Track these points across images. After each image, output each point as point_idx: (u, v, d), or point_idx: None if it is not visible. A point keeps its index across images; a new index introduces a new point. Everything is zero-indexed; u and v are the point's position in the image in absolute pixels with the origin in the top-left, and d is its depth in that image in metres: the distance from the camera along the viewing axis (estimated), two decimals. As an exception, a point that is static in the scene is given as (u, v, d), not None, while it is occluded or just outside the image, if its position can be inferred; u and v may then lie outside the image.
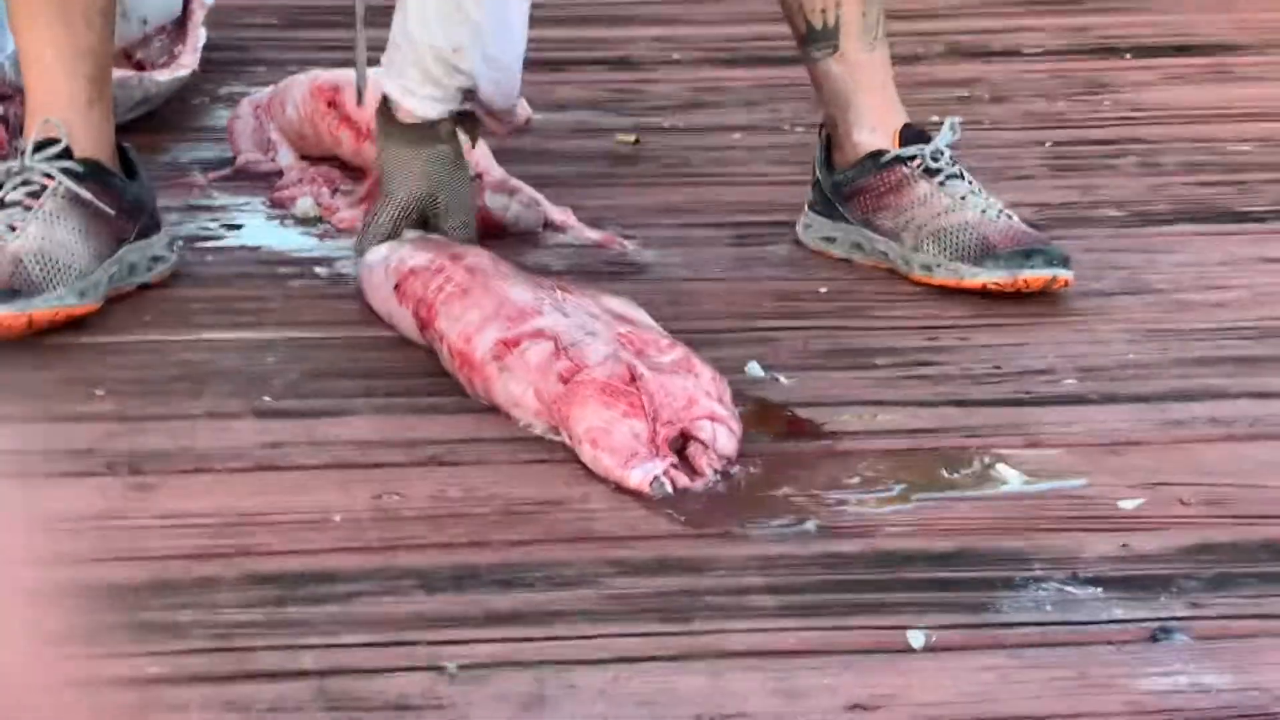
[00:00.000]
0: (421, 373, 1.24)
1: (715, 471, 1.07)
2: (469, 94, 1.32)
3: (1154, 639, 0.92)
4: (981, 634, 0.92)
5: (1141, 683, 0.88)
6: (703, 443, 1.08)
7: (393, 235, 1.33)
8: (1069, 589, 0.97)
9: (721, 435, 1.08)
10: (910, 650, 0.91)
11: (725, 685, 0.87)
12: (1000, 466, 1.11)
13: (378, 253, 1.31)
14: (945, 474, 1.10)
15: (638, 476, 1.05)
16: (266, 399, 1.19)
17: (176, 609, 0.92)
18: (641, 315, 1.21)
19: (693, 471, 1.06)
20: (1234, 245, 1.52)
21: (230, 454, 1.11)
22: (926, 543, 1.01)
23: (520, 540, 1.01)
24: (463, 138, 1.36)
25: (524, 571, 0.97)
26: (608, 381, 1.09)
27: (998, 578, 0.98)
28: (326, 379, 1.22)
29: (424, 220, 1.34)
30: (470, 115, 1.35)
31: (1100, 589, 0.96)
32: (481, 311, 1.18)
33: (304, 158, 1.69)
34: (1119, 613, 0.94)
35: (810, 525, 1.03)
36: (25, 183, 1.31)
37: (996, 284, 1.35)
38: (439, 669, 0.88)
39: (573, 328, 1.15)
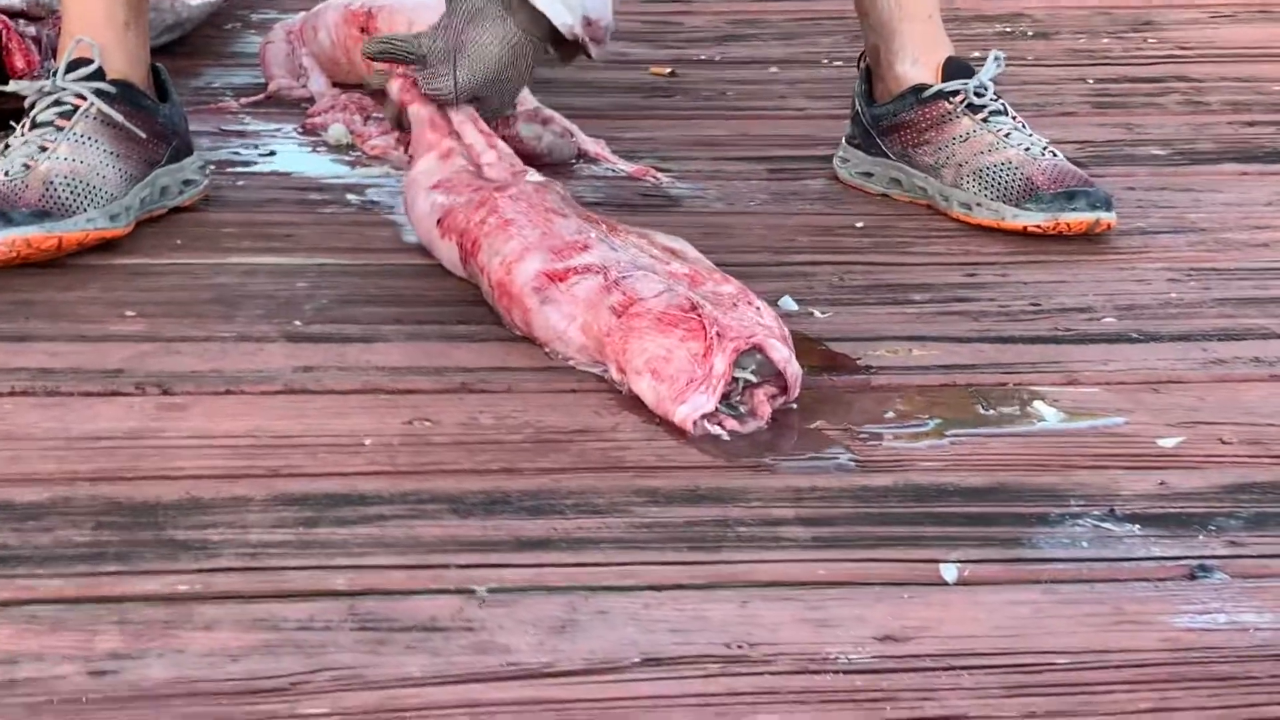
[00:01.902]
0: (452, 300, 1.23)
1: (772, 413, 1.03)
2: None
3: (1192, 577, 0.91)
4: (1016, 569, 0.91)
5: (1178, 620, 0.87)
6: (768, 374, 1.04)
7: (458, 90, 1.31)
8: (1106, 526, 0.96)
9: (793, 362, 1.06)
10: (942, 583, 0.90)
11: (755, 614, 0.87)
12: (1037, 404, 1.10)
13: (421, 183, 1.30)
14: (981, 410, 1.09)
15: (684, 411, 1.03)
16: (297, 323, 1.18)
17: (207, 528, 0.92)
18: (693, 252, 1.20)
19: (740, 416, 1.04)
20: (1279, 185, 1.50)
21: (261, 377, 1.11)
22: (961, 478, 1.00)
23: (551, 468, 1.00)
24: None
25: (554, 499, 0.97)
26: (665, 311, 1.07)
27: (1033, 514, 0.97)
28: (357, 305, 1.22)
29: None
30: (571, 43, 1.33)
31: (1138, 526, 0.96)
32: (524, 241, 1.17)
33: (336, 84, 1.69)
34: (1156, 550, 0.93)
35: (843, 459, 1.02)
36: (57, 103, 1.31)
37: (1038, 226, 1.34)
38: (469, 592, 0.88)
39: (623, 262, 1.13)
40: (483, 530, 0.94)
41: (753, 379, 1.04)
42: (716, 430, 1.03)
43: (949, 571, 0.91)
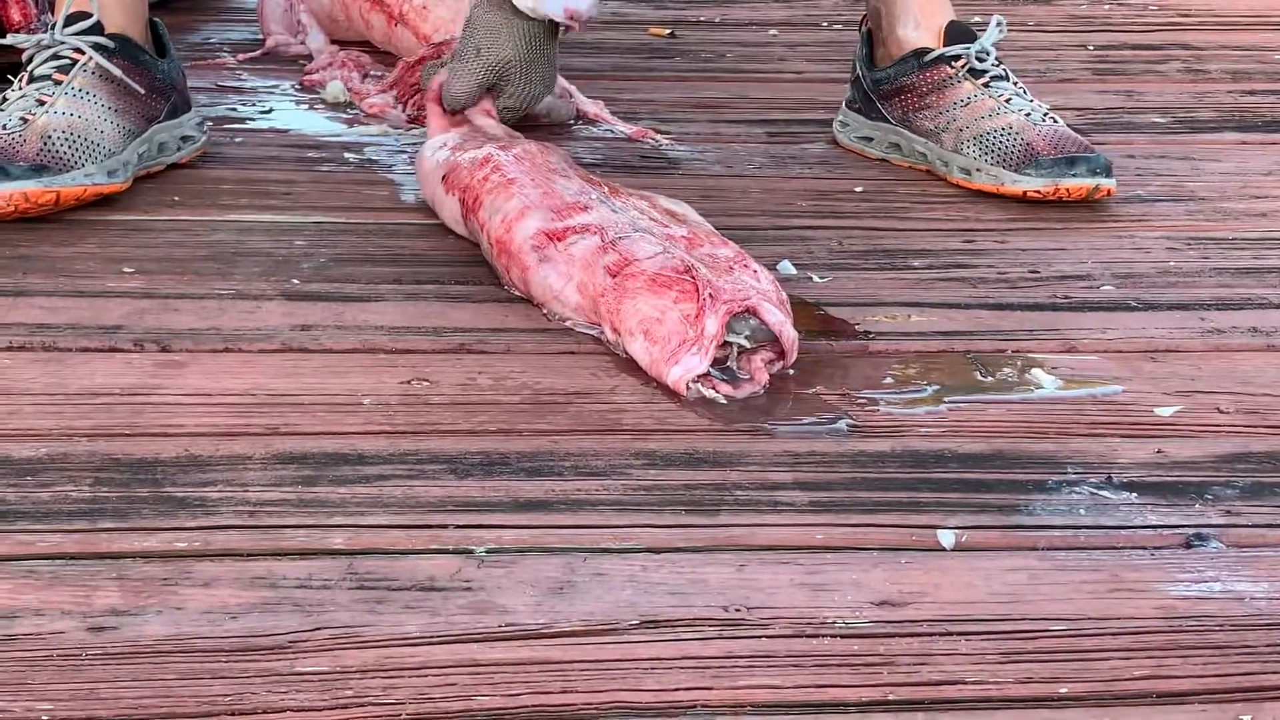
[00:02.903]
0: (450, 261, 1.23)
1: (770, 378, 1.03)
2: None
3: (1188, 545, 0.91)
4: (1012, 535, 0.92)
5: (1174, 589, 0.87)
6: (764, 338, 1.03)
7: (477, 93, 1.33)
8: (1103, 493, 0.96)
9: (788, 327, 1.06)
10: (940, 549, 0.90)
11: (752, 578, 0.87)
12: (1035, 371, 1.09)
13: (431, 144, 1.29)
14: (979, 377, 1.09)
15: (676, 373, 1.03)
16: (295, 282, 1.18)
17: (205, 485, 0.92)
18: (694, 215, 1.19)
19: (736, 380, 1.04)
20: (1278, 154, 1.50)
21: (259, 335, 1.10)
22: (958, 444, 1.00)
23: (549, 429, 1.00)
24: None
25: (552, 460, 0.97)
26: (659, 272, 1.07)
27: (1030, 480, 0.97)
28: (354, 264, 1.21)
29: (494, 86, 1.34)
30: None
31: (1134, 494, 0.96)
32: (524, 200, 1.16)
33: (334, 41, 1.68)
34: (1153, 519, 0.93)
35: (841, 424, 1.02)
36: (55, 57, 1.29)
37: (1037, 192, 1.33)
38: (467, 552, 0.87)
39: (621, 223, 1.13)
40: (481, 491, 0.93)
41: (746, 344, 1.04)
42: (710, 394, 1.03)
43: (946, 537, 0.91)
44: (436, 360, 1.08)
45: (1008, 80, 1.39)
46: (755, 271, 1.09)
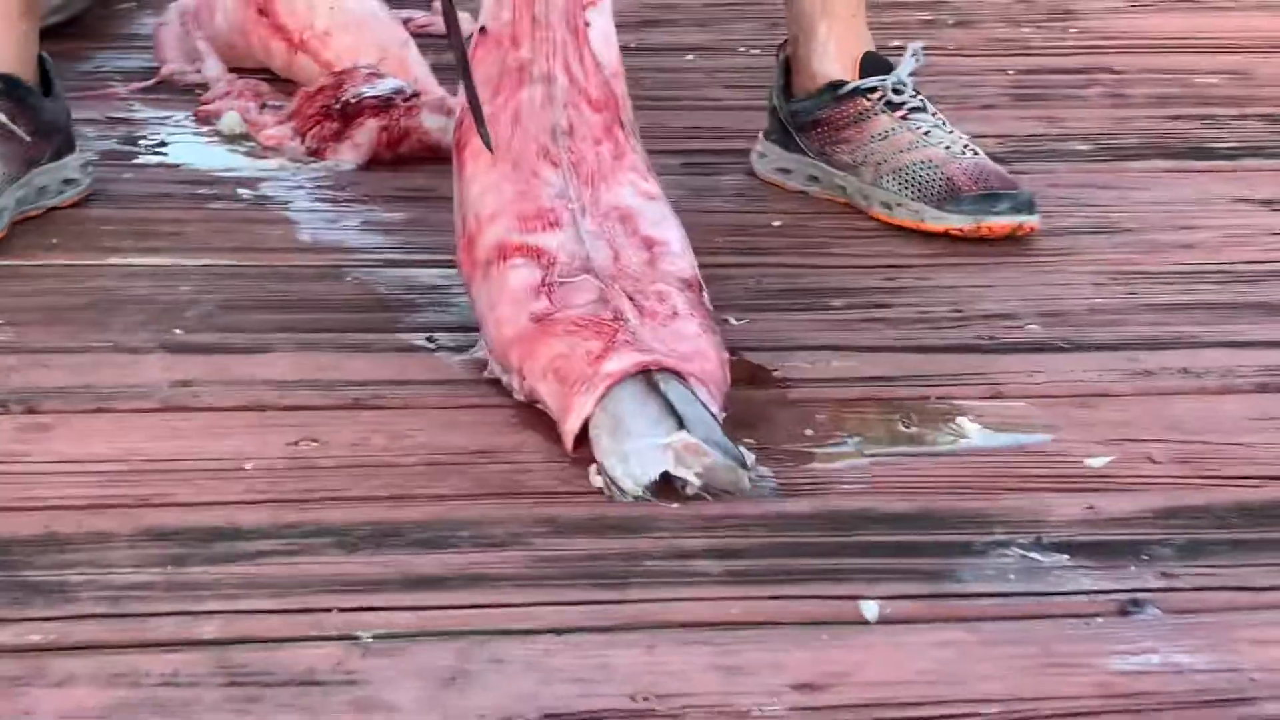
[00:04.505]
0: (348, 306, 1.14)
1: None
2: None
3: (1124, 612, 0.84)
4: (939, 605, 0.84)
5: (1111, 662, 0.80)
6: (720, 480, 0.90)
7: None
8: (1033, 555, 0.89)
9: (702, 393, 0.93)
10: (863, 623, 0.83)
11: (663, 661, 0.79)
12: (961, 420, 1.02)
13: None
14: (903, 427, 1.01)
15: (570, 423, 0.94)
16: (178, 332, 1.09)
17: (65, 568, 0.83)
18: (676, 245, 1.04)
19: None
20: (1204, 183, 1.44)
21: (135, 393, 1.01)
22: (882, 503, 0.93)
23: (446, 494, 0.92)
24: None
25: (448, 530, 0.88)
26: (580, 316, 0.97)
27: (957, 542, 0.90)
28: (244, 311, 1.12)
29: None
30: None
31: (1067, 556, 0.89)
32: (500, 197, 1.02)
33: (233, 70, 1.59)
34: (1086, 583, 0.86)
35: (758, 482, 0.95)
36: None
37: (959, 230, 1.27)
38: (352, 639, 0.79)
39: (576, 259, 1.00)
40: (369, 567, 0.85)
41: (696, 482, 0.92)
42: (601, 484, 0.91)
43: (870, 609, 0.84)
44: (328, 418, 0.99)
45: (926, 112, 1.32)
46: (703, 330, 0.98)
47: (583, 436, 0.95)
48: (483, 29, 1.06)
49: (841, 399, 1.05)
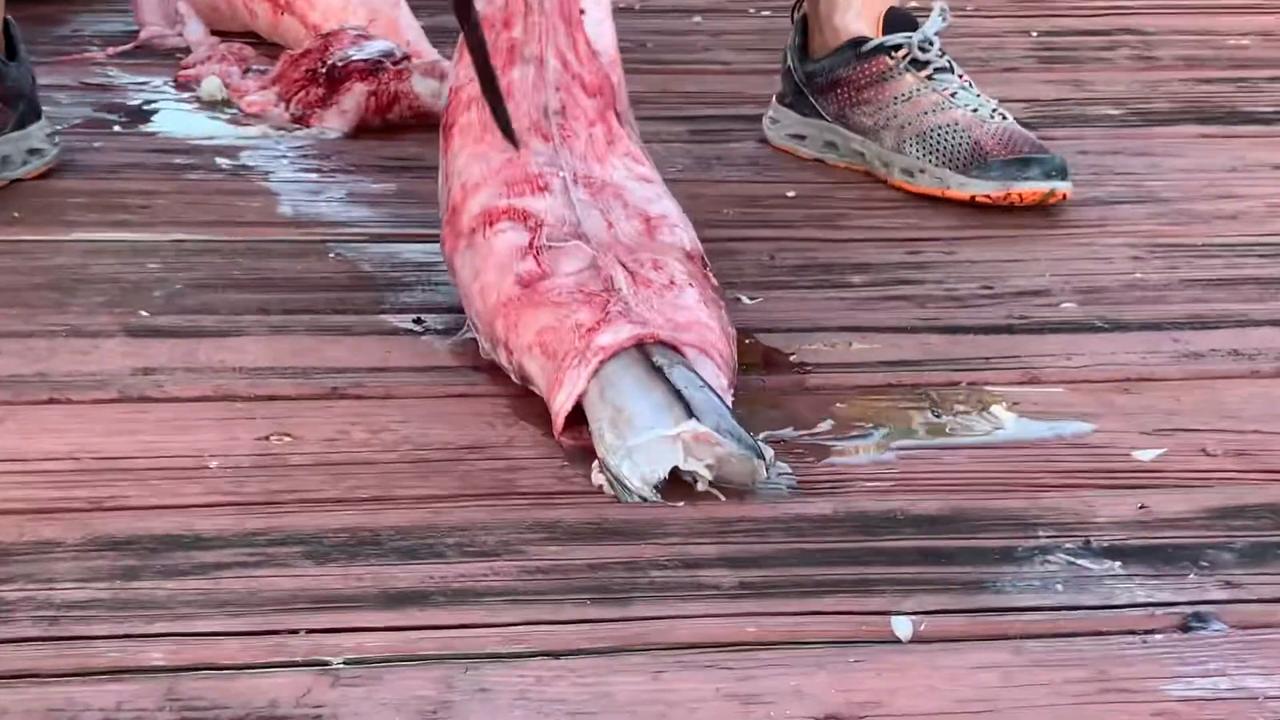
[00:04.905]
0: (328, 285, 1.03)
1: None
2: None
3: (1185, 628, 0.74)
4: (980, 622, 0.74)
5: (1173, 687, 0.69)
6: (736, 475, 0.80)
7: None
8: (1081, 563, 0.78)
9: (707, 368, 0.85)
10: (895, 641, 0.72)
11: (670, 688, 0.68)
12: (995, 408, 0.92)
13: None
14: (932, 416, 0.91)
15: (559, 400, 0.84)
16: (143, 313, 0.98)
17: (1, 582, 0.72)
18: (675, 217, 0.94)
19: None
20: (1241, 149, 1.32)
21: (92, 381, 0.90)
22: (911, 503, 0.82)
23: (431, 495, 0.81)
24: None
25: (432, 537, 0.77)
26: (570, 284, 0.87)
27: (995, 548, 0.79)
28: (215, 291, 1.01)
29: None
30: None
31: (1118, 563, 0.78)
32: (486, 165, 0.94)
33: (215, 33, 1.47)
34: (1141, 595, 0.76)
35: (775, 479, 0.84)
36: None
37: (987, 196, 1.15)
38: (321, 665, 0.68)
39: (566, 224, 0.91)
40: (343, 580, 0.74)
41: (707, 475, 0.81)
42: (603, 483, 0.81)
43: (902, 626, 0.73)
44: (302, 409, 0.89)
45: (952, 73, 1.21)
46: (704, 300, 0.88)
47: (575, 419, 0.85)
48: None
49: (863, 386, 0.94)
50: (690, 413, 0.81)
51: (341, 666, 0.68)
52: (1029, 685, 0.69)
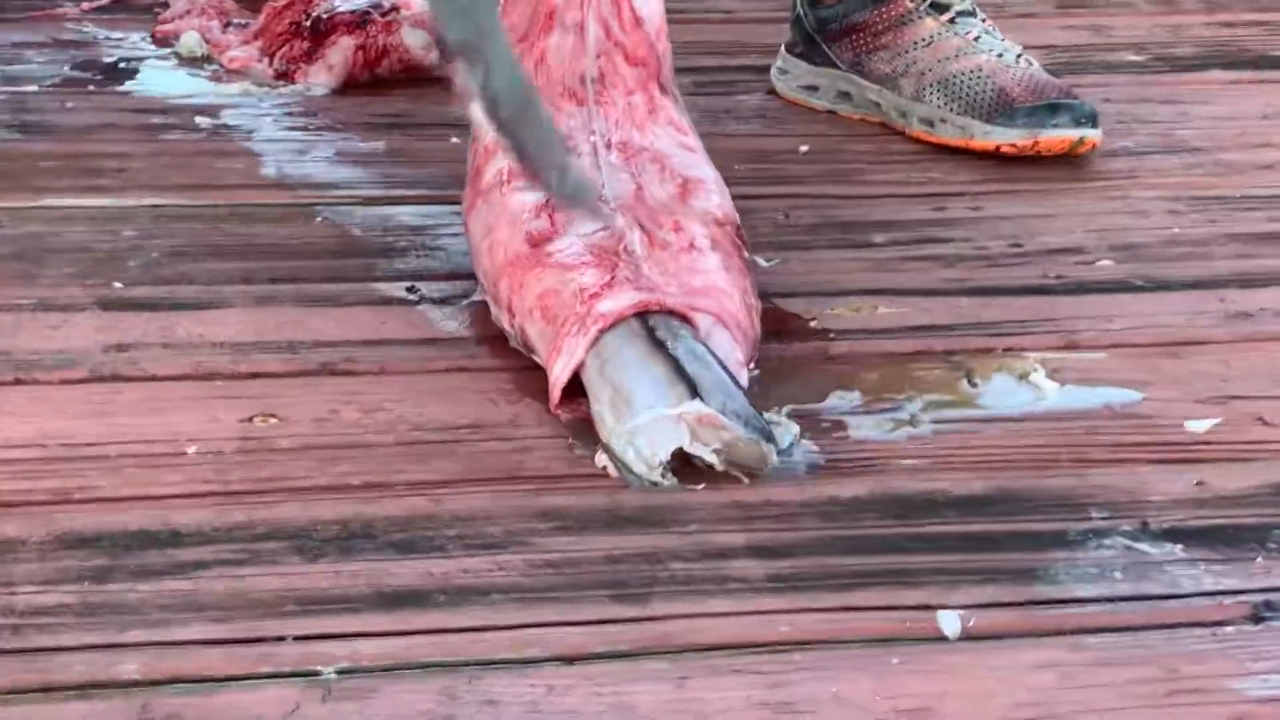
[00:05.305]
0: (316, 251, 0.94)
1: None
2: None
3: (1257, 618, 0.66)
4: (1033, 615, 0.66)
5: (1249, 685, 0.62)
6: (745, 459, 0.72)
7: None
8: (1140, 546, 0.71)
9: (721, 340, 0.78)
10: (942, 639, 0.65)
11: (696, 696, 0.61)
12: (1035, 376, 0.84)
13: None
14: (967, 385, 0.83)
15: (556, 368, 0.76)
16: (117, 285, 0.89)
17: (-42, 588, 0.65)
18: (713, 183, 0.87)
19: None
20: (1272, 95, 1.23)
21: (61, 360, 0.81)
22: (951, 482, 0.74)
23: (429, 481, 0.73)
24: None
25: (432, 528, 0.70)
26: (580, 245, 0.80)
27: (1046, 531, 0.72)
28: (195, 259, 0.92)
29: None
30: None
31: (1179, 546, 0.70)
32: None
33: (195, -15, 1.39)
34: (1208, 581, 0.68)
35: (801, 457, 0.76)
36: None
37: (1012, 145, 1.07)
38: (311, 675, 0.61)
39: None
40: (334, 579, 0.66)
41: (716, 461, 0.73)
42: (608, 466, 0.73)
43: (949, 621, 0.66)
44: (289, 387, 0.80)
45: (975, 17, 1.12)
46: (725, 266, 0.81)
47: (573, 389, 0.77)
48: None
49: (892, 353, 0.86)
50: (695, 392, 0.73)
51: (333, 677, 0.60)
52: (1091, 686, 0.62)
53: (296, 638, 0.62)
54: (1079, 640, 0.64)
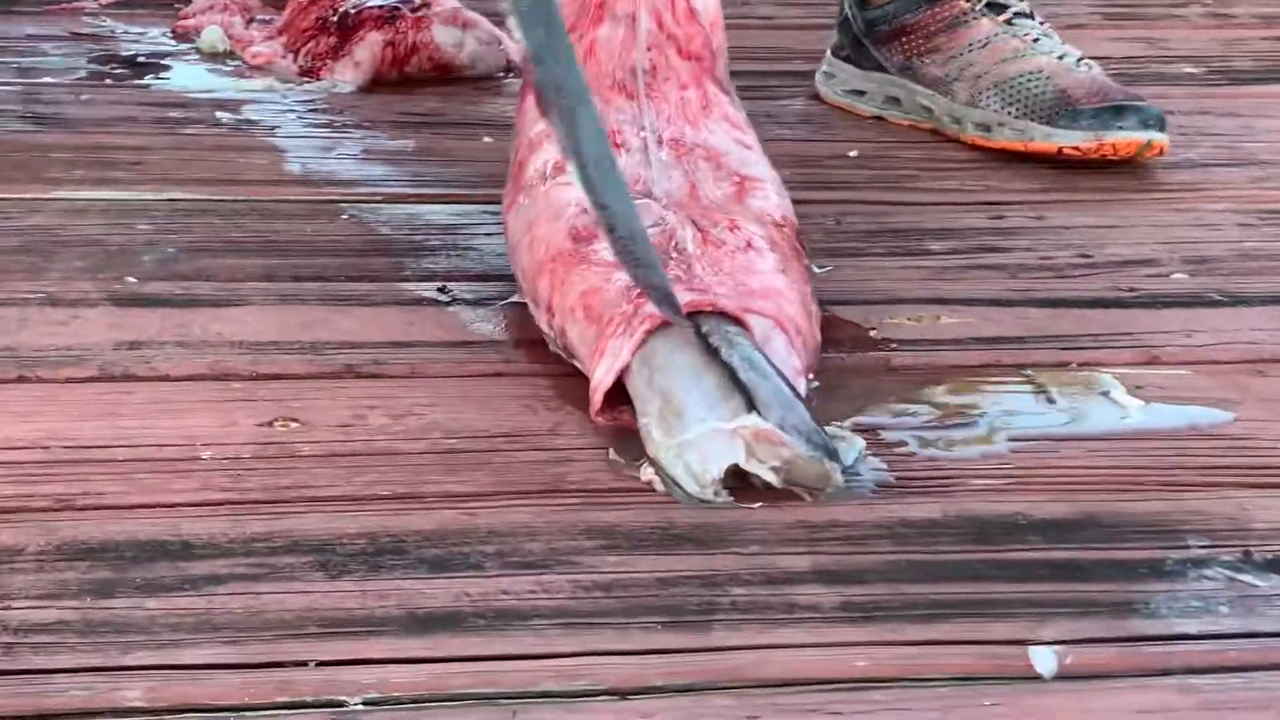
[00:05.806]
0: (341, 249, 0.88)
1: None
2: None
3: (1382, 661, 0.60)
4: (1134, 652, 0.59)
5: (1381, 737, 0.56)
6: (805, 477, 0.65)
7: None
8: (1245, 578, 0.63)
9: (778, 345, 0.71)
10: (1035, 678, 0.58)
11: (767, 737, 0.54)
12: (1115, 392, 0.77)
13: None
14: (1047, 401, 0.76)
15: (598, 373, 0.69)
16: (130, 280, 0.82)
17: (-54, 602, 0.58)
18: (768, 177, 0.82)
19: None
20: (1335, 111, 1.18)
21: (68, 357, 0.74)
22: (1032, 504, 0.67)
23: (464, 493, 0.66)
24: None
25: (467, 544, 0.62)
26: None
27: (1140, 560, 0.64)
28: (213, 255, 0.85)
29: None
30: None
31: (1287, 579, 0.64)
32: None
33: (218, -20, 1.33)
34: (1322, 618, 0.62)
35: (869, 476, 0.69)
36: None
37: (1075, 149, 1.00)
38: (336, 706, 0.54)
39: (641, 179, 0.78)
40: (361, 599, 0.59)
41: (774, 479, 0.66)
42: (651, 477, 0.66)
43: (1044, 659, 0.58)
44: (312, 390, 0.73)
45: (1032, 19, 1.06)
46: (782, 268, 0.74)
47: (615, 396, 0.70)
48: None
49: (959, 365, 0.78)
50: (752, 405, 0.66)
51: (360, 708, 0.53)
52: (1204, 733, 0.55)
53: (319, 663, 0.55)
54: (1185, 681, 0.57)
